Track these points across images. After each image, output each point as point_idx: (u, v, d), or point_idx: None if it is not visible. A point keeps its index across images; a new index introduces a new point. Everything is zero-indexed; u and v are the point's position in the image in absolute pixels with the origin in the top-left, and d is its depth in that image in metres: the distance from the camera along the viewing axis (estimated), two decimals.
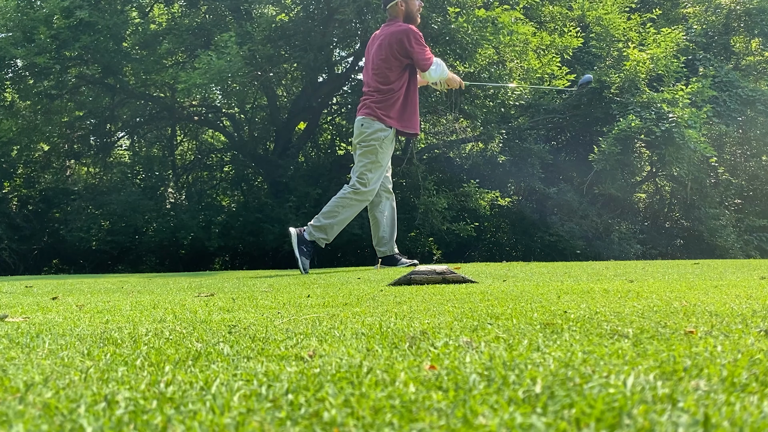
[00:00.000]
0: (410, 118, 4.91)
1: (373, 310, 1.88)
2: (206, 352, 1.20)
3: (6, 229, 11.29)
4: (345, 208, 4.80)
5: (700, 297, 1.98)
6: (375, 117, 4.80)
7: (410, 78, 4.90)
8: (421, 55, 4.79)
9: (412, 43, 4.77)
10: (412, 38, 4.78)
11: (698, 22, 12.02)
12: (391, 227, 5.04)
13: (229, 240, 11.08)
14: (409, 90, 4.89)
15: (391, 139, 4.85)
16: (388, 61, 4.81)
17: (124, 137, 14.06)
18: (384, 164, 4.86)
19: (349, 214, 4.83)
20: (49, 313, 2.07)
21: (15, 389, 0.93)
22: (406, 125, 4.89)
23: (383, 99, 4.82)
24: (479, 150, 11.86)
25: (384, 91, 4.82)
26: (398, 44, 4.78)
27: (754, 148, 12.12)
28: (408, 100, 4.89)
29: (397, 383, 0.90)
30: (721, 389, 0.84)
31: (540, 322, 1.46)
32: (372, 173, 4.80)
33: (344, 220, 4.83)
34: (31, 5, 10.32)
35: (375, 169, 4.80)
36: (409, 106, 4.89)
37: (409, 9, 4.94)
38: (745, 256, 10.65)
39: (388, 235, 5.03)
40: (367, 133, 4.81)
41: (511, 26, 9.32)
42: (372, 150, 4.79)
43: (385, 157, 4.85)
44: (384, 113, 4.79)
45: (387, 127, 4.80)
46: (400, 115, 4.85)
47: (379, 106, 4.81)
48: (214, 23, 11.23)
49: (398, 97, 4.83)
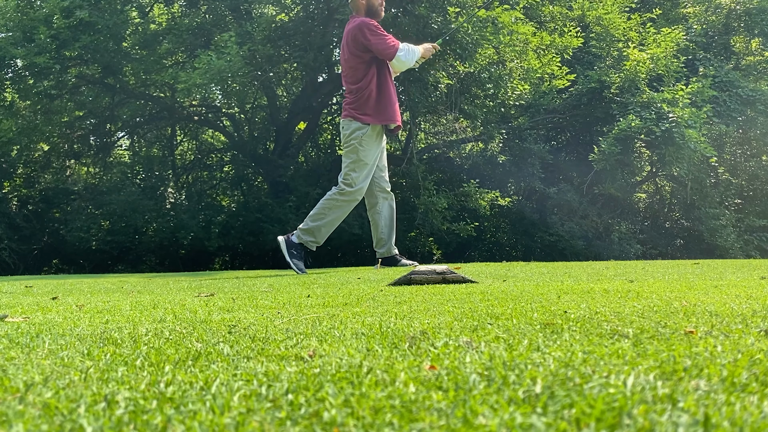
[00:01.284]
0: (386, 111, 4.76)
1: (373, 310, 1.88)
2: (206, 352, 1.20)
3: (6, 229, 11.30)
4: (332, 210, 4.75)
5: (700, 297, 1.98)
6: (351, 117, 4.75)
7: (379, 70, 4.75)
8: (381, 45, 4.64)
9: (367, 35, 4.63)
10: (366, 31, 4.64)
11: (698, 22, 12.03)
12: (389, 228, 4.99)
13: (229, 240, 11.09)
14: (380, 83, 4.74)
15: (371, 135, 4.74)
16: (351, 59, 4.74)
17: (124, 137, 14.07)
18: (370, 162, 4.76)
19: (336, 215, 4.76)
20: (49, 313, 2.07)
21: (15, 389, 0.93)
22: (384, 118, 4.76)
23: (356, 98, 4.75)
24: (479, 150, 11.86)
25: (355, 91, 4.76)
26: (354, 41, 4.69)
27: (754, 148, 12.13)
28: (382, 94, 4.75)
29: (397, 383, 0.90)
30: (721, 389, 0.84)
31: (540, 322, 1.46)
32: (356, 172, 4.73)
33: (332, 221, 4.77)
34: (31, 5, 10.33)
35: (359, 168, 4.73)
36: (383, 99, 4.75)
37: (370, 3, 4.79)
38: (745, 256, 10.65)
39: (386, 236, 4.99)
40: (346, 135, 4.78)
41: (511, 26, 9.32)
42: (353, 149, 4.73)
43: (368, 155, 4.74)
44: (359, 112, 4.73)
45: (364, 124, 4.72)
46: (376, 110, 4.74)
47: (353, 105, 4.76)
48: (214, 23, 11.23)
49: (370, 93, 4.72)
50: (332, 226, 4.81)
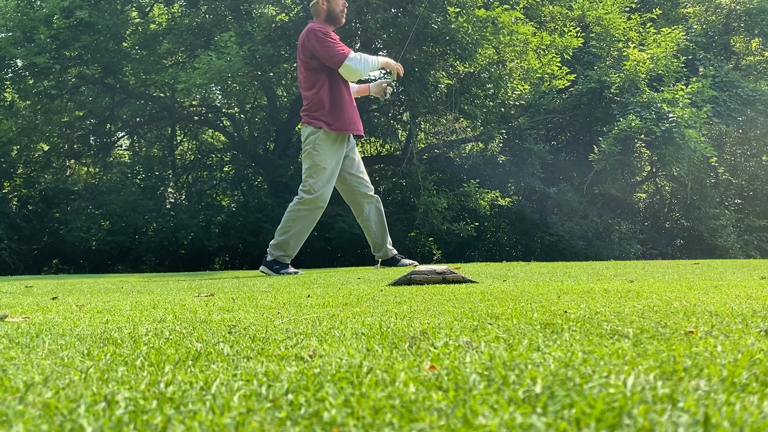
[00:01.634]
0: (340, 118, 4.60)
1: (373, 310, 1.88)
2: (206, 352, 1.20)
3: (6, 229, 11.30)
4: (296, 221, 4.60)
5: (700, 297, 1.98)
6: (306, 123, 4.65)
7: (331, 78, 4.59)
8: (328, 52, 4.47)
9: (313, 42, 4.49)
10: (313, 37, 4.49)
11: (698, 22, 12.03)
12: (381, 231, 4.88)
13: (229, 240, 11.09)
14: (333, 90, 4.59)
15: (326, 140, 4.57)
16: (301, 65, 4.65)
17: (124, 137, 14.07)
18: (328, 167, 4.59)
19: (302, 226, 4.61)
20: (49, 313, 2.07)
21: (15, 389, 0.93)
22: (339, 126, 4.59)
23: (309, 105, 4.63)
24: (479, 150, 11.86)
25: (308, 97, 4.63)
26: (302, 48, 4.58)
27: (754, 148, 12.13)
28: (335, 101, 4.59)
29: (397, 383, 0.90)
30: (721, 389, 0.84)
31: (540, 322, 1.46)
32: (314, 178, 4.57)
33: (299, 233, 4.62)
34: (31, 5, 10.33)
35: (316, 174, 4.56)
36: (337, 106, 4.59)
37: (331, 8, 4.63)
38: (745, 256, 10.65)
39: (380, 240, 4.89)
40: (303, 141, 4.68)
41: (511, 26, 9.32)
42: (308, 154, 4.61)
43: (324, 159, 4.57)
44: (311, 117, 4.61)
45: (316, 129, 4.59)
46: (330, 117, 4.60)
47: (307, 112, 4.65)
48: (214, 23, 11.24)
49: (321, 99, 4.57)
50: (300, 238, 4.65)
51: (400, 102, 11.12)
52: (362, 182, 4.84)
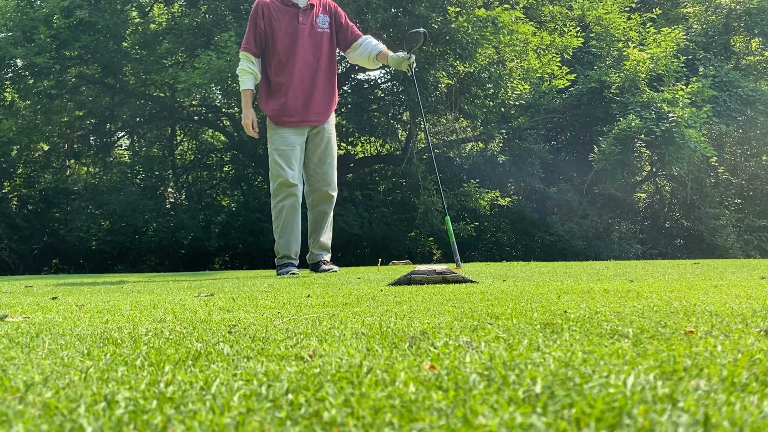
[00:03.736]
0: (271, 103, 4.36)
1: (373, 310, 1.87)
2: (206, 352, 1.20)
3: (6, 229, 11.30)
4: (276, 219, 4.44)
5: (700, 297, 1.98)
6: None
7: (264, 60, 4.40)
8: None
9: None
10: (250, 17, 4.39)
11: (698, 22, 12.03)
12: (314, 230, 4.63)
13: (229, 240, 11.09)
14: (266, 72, 4.41)
15: (270, 123, 4.36)
16: None
17: (124, 137, 14.08)
18: (278, 149, 4.31)
19: (281, 221, 4.40)
20: (49, 313, 2.07)
21: (15, 389, 0.93)
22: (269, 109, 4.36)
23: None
24: (479, 150, 11.87)
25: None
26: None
27: (754, 148, 12.13)
28: (270, 84, 4.39)
29: (397, 383, 0.90)
30: (721, 389, 0.83)
31: (540, 322, 1.46)
32: (271, 168, 4.37)
33: (284, 228, 4.42)
34: (31, 5, 10.33)
35: (271, 158, 4.36)
36: (271, 91, 4.38)
37: None
38: (745, 256, 10.65)
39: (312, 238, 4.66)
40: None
41: (511, 26, 9.33)
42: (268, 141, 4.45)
43: (275, 141, 4.34)
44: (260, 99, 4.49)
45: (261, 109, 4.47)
46: (264, 99, 4.41)
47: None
48: (214, 23, 11.23)
49: (262, 81, 4.44)
50: (288, 234, 4.44)
51: (400, 101, 11.12)
52: (324, 174, 4.49)
